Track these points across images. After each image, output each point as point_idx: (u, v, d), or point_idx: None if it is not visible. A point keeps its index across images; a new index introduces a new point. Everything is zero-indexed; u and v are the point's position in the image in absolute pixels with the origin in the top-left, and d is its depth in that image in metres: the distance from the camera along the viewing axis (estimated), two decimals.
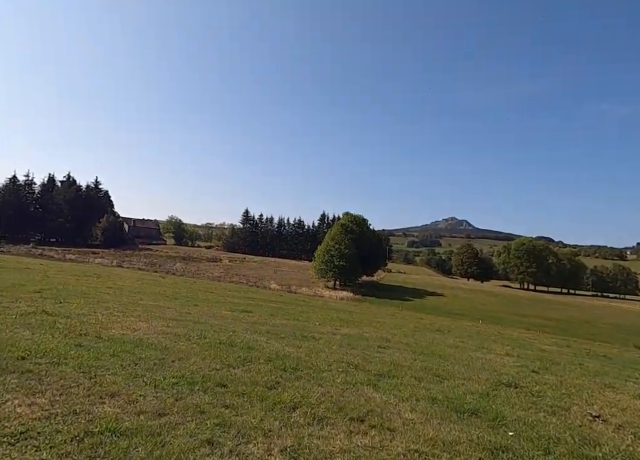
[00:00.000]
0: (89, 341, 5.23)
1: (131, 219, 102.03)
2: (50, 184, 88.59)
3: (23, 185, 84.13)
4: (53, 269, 29.30)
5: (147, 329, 6.75)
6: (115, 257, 62.39)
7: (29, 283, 15.52)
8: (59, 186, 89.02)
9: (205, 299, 17.28)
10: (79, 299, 10.69)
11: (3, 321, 6.02)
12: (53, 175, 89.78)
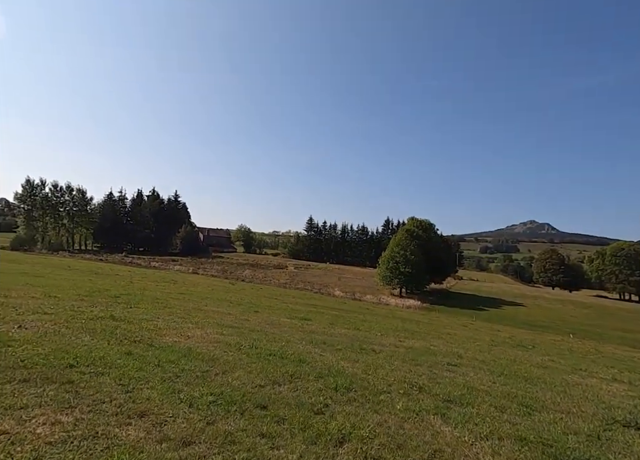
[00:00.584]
0: (139, 348, 5.15)
1: (205, 228, 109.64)
2: (139, 199, 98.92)
3: (117, 200, 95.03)
4: (137, 276, 32.19)
5: (200, 336, 6.63)
6: (191, 264, 67.16)
7: (113, 288, 16.95)
8: (145, 200, 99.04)
9: (267, 305, 17.37)
10: (149, 304, 11.21)
11: (72, 325, 6.28)
12: (141, 191, 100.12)
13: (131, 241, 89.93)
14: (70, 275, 25.87)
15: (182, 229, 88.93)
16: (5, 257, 41.01)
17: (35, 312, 7.21)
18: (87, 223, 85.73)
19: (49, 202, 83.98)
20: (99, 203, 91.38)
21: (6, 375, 3.40)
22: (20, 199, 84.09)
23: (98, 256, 68.29)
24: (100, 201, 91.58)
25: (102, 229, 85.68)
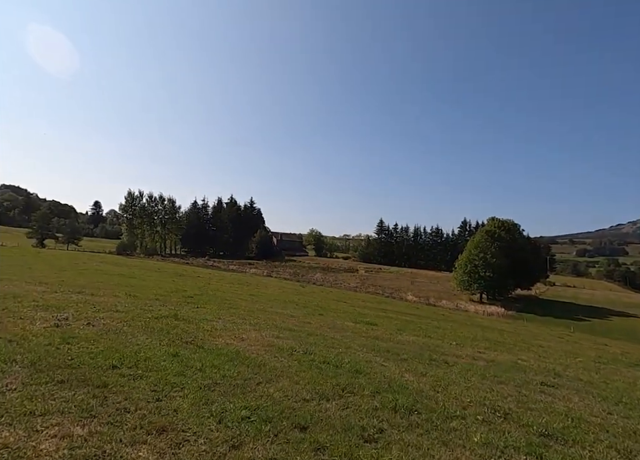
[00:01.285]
0: (188, 350, 4.97)
1: (278, 233, 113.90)
2: (219, 206, 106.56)
3: (201, 208, 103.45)
4: (216, 278, 34.22)
5: (254, 339, 6.33)
6: (266, 267, 70.05)
7: (190, 289, 17.97)
8: (224, 207, 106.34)
9: (334, 308, 16.91)
10: (216, 304, 11.44)
11: (134, 323, 6.41)
12: (220, 198, 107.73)
13: (212, 246, 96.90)
14: (158, 276, 28.34)
15: (257, 234, 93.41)
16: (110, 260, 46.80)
17: (109, 310, 7.61)
18: (176, 230, 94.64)
19: (145, 211, 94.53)
20: (186, 211, 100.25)
21: (48, 375, 3.33)
22: (123, 209, 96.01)
23: (184, 259, 74.76)
24: (186, 209, 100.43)
25: (188, 235, 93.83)
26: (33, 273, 17.20)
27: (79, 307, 7.64)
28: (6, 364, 3.50)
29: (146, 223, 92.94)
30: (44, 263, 27.45)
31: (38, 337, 4.75)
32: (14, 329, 5.07)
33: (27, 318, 5.99)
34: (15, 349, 4.09)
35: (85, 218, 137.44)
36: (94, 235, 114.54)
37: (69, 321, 6.03)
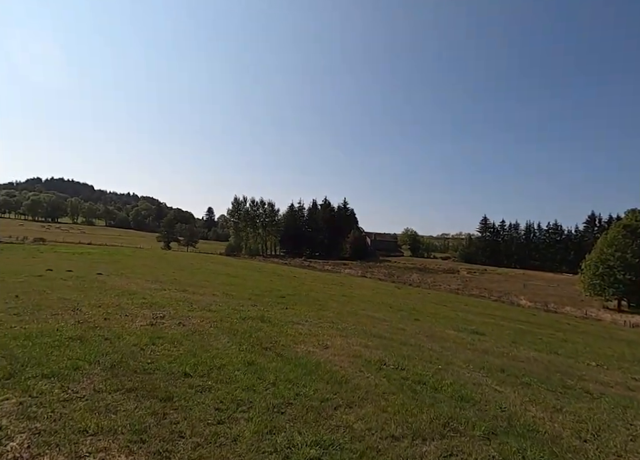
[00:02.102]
0: (265, 358, 4.59)
1: (372, 233, 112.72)
2: (314, 208, 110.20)
3: (297, 210, 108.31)
4: (310, 278, 35.01)
5: (339, 347, 5.73)
6: (360, 268, 69.65)
7: (284, 288, 18.39)
8: (319, 208, 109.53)
9: (432, 313, 15.46)
10: (306, 306, 11.23)
11: (221, 325, 6.38)
12: (315, 200, 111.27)
13: (308, 246, 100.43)
14: (258, 276, 30.07)
15: (350, 234, 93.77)
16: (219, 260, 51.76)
17: (203, 309, 7.84)
18: (275, 232, 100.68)
19: (249, 215, 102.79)
20: (284, 213, 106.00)
21: (121, 381, 3.22)
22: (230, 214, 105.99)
23: (283, 260, 78.84)
24: (284, 212, 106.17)
25: (286, 236, 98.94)
26: (155, 272, 19.54)
27: (178, 305, 8.04)
28: (90, 365, 3.51)
29: (249, 225, 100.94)
30: (166, 263, 31.38)
31: (131, 335, 4.89)
32: (115, 327, 5.35)
33: (131, 315, 6.39)
34: (105, 348, 4.18)
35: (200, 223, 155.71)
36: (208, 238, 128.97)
37: (164, 320, 6.25)
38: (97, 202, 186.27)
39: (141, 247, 66.94)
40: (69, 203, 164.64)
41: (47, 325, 5.05)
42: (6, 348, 3.73)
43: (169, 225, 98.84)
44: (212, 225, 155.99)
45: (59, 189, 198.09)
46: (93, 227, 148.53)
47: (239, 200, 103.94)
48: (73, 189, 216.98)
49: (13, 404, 2.43)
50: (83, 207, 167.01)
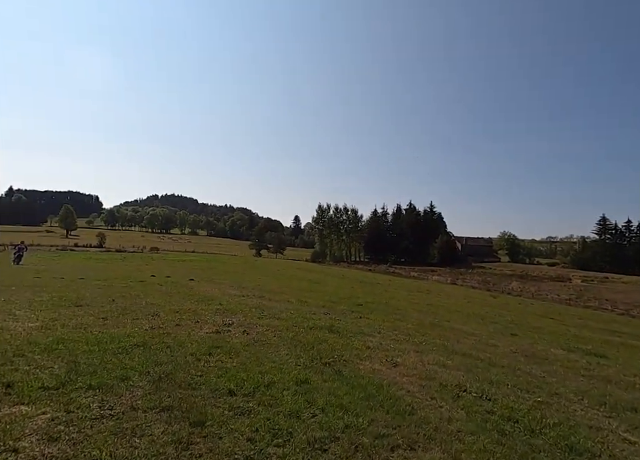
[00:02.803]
0: (322, 376, 4.15)
1: (462, 237, 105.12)
2: (398, 213, 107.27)
3: (381, 216, 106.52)
4: (394, 284, 33.74)
5: (411, 365, 5.01)
6: (450, 274, 65.18)
7: (364, 295, 17.80)
8: (403, 213, 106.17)
9: (534, 327, 13.35)
10: (383, 315, 10.52)
11: (285, 334, 6.16)
12: (399, 205, 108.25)
13: (393, 252, 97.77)
14: (339, 282, 29.94)
15: (438, 239, 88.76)
16: (305, 267, 53.22)
17: (272, 317, 7.75)
18: (359, 238, 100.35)
19: (332, 222, 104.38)
20: (367, 219, 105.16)
21: (160, 397, 3.08)
22: (315, 221, 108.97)
23: (367, 266, 77.94)
24: (367, 218, 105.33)
25: (370, 242, 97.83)
26: (241, 278, 20.65)
27: (250, 312, 8.10)
28: (139, 376, 3.49)
29: (333, 232, 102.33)
30: (254, 270, 33.20)
31: (193, 343, 4.90)
32: (182, 334, 5.46)
33: (202, 322, 6.54)
34: (163, 357, 4.19)
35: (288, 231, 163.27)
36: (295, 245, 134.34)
37: (231, 327, 6.25)
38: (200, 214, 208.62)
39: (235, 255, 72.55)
40: (178, 215, 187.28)
41: (123, 330, 5.36)
42: (74, 353, 3.94)
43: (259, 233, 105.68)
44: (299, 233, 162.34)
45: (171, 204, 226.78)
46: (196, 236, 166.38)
47: (323, 207, 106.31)
48: (181, 203, 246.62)
49: (45, 420, 2.42)
50: (189, 219, 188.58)
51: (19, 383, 2.98)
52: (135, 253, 56.16)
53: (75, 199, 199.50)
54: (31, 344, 4.14)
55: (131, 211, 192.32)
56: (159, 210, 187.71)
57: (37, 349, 3.97)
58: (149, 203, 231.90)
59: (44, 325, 5.25)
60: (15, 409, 2.53)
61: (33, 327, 5.07)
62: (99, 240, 78.44)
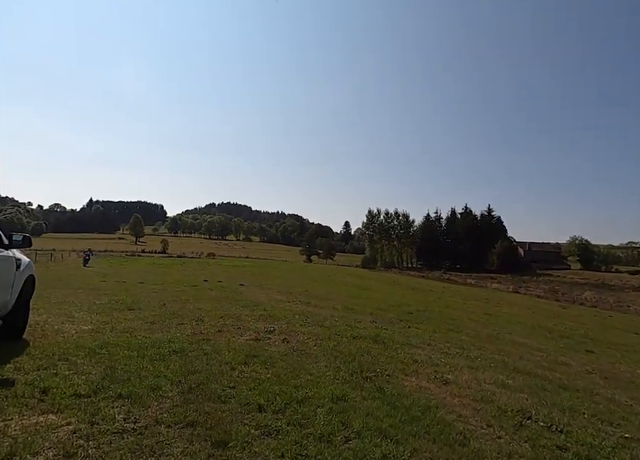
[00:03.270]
0: (361, 393, 3.80)
1: (525, 243, 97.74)
2: (452, 217, 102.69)
3: (434, 220, 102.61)
4: (449, 292, 32.06)
5: (463, 384, 4.47)
6: (511, 282, 60.71)
7: (415, 303, 16.98)
8: (458, 218, 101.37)
9: (615, 343, 11.76)
10: (435, 325, 9.84)
11: (326, 344, 5.89)
12: (454, 209, 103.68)
13: (447, 258, 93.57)
14: (389, 289, 29.08)
15: (497, 244, 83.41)
16: (354, 273, 52.66)
17: (315, 324, 7.52)
18: (411, 243, 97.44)
19: (383, 227, 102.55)
20: (419, 224, 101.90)
21: (186, 410, 2.92)
22: (365, 227, 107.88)
23: (421, 273, 75.31)
24: (420, 223, 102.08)
25: (423, 248, 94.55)
26: (289, 283, 20.78)
27: (293, 318, 7.95)
28: (171, 385, 3.41)
29: (384, 238, 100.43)
30: (304, 275, 33.40)
31: (230, 351, 4.81)
32: (221, 340, 5.41)
33: (243, 328, 6.49)
34: (198, 365, 4.12)
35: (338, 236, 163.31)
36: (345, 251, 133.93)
37: (271, 335, 6.11)
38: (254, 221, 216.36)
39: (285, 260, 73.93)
40: (233, 222, 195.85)
41: (166, 335, 5.43)
42: (113, 359, 3.99)
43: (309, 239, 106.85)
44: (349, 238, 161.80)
45: (227, 211, 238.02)
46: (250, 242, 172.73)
47: (373, 212, 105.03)
48: (236, 210, 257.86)
49: (67, 432, 2.37)
50: (243, 225, 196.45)
51: (54, 388, 3.01)
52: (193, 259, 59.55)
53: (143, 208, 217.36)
54: (78, 347, 4.28)
55: (191, 218, 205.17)
56: (216, 217, 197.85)
57: (82, 353, 4.08)
58: (207, 211, 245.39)
59: (95, 328, 5.48)
60: (43, 418, 2.52)
61: (85, 330, 5.31)
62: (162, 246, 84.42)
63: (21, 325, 4.46)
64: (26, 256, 4.80)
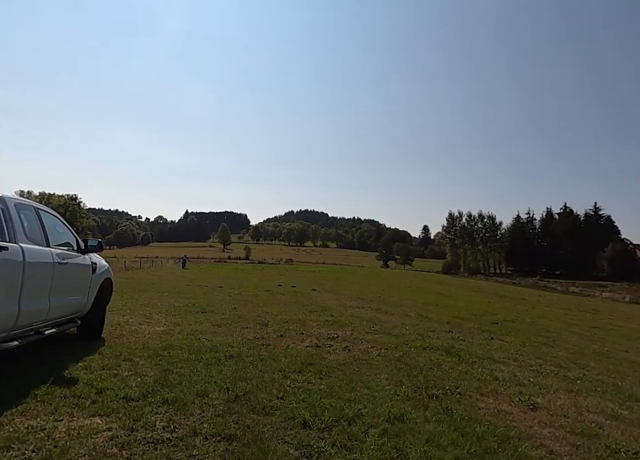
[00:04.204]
0: (424, 413, 3.30)
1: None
2: (548, 218, 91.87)
3: (525, 222, 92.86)
4: (546, 301, 28.51)
5: (557, 411, 3.64)
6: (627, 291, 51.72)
7: (502, 312, 15.28)
8: (555, 218, 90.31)
9: None
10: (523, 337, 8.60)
11: (391, 353, 5.43)
12: (550, 209, 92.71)
13: (544, 264, 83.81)
14: (474, 296, 26.79)
15: (608, 248, 72.19)
16: (434, 278, 49.99)
17: (382, 332, 7.06)
18: (498, 247, 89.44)
19: (465, 230, 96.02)
20: (507, 226, 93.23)
21: (227, 421, 2.73)
22: (446, 230, 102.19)
23: (511, 279, 68.52)
24: (508, 225, 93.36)
25: (513, 252, 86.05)
26: (363, 289, 20.35)
27: (360, 325, 7.59)
28: (218, 393, 3.32)
29: (467, 242, 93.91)
30: (379, 281, 32.60)
31: (287, 358, 4.66)
32: (281, 346, 5.31)
33: (306, 334, 6.33)
34: (251, 371, 4.03)
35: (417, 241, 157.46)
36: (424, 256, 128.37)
37: (333, 342, 5.84)
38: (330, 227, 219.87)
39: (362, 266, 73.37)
40: (311, 229, 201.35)
41: (228, 338, 5.51)
42: (172, 361, 4.08)
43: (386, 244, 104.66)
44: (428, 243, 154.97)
45: (305, 218, 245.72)
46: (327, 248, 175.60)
47: (454, 215, 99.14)
48: (313, 217, 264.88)
49: (105, 438, 2.37)
50: (320, 232, 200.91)
51: (109, 390, 3.12)
52: (273, 264, 62.33)
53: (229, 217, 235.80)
54: (144, 349, 4.50)
55: (271, 226, 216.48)
56: (294, 225, 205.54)
57: (146, 354, 4.26)
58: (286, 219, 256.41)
59: (166, 330, 5.79)
60: (89, 421, 2.58)
61: (156, 331, 5.64)
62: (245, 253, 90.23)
63: (98, 326, 4.88)
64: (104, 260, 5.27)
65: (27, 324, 3.35)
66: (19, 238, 3.22)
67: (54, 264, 3.68)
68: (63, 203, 64.61)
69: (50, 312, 3.68)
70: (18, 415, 2.60)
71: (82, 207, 72.05)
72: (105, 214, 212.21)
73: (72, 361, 3.84)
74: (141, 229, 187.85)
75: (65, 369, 3.62)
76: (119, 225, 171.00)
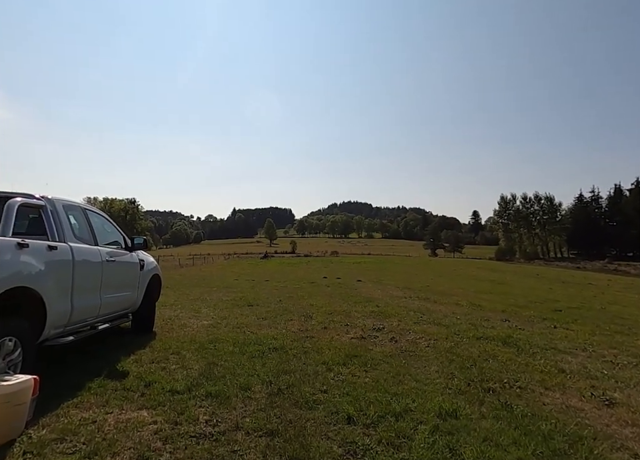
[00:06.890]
0: (480, 409, 3.02)
1: None
2: (617, 195, 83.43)
3: (589, 201, 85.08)
4: (617, 285, 26.16)
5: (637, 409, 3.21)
6: None
7: (566, 299, 14.12)
8: (626, 195, 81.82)
9: None
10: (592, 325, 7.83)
11: (441, 344, 5.13)
12: (619, 186, 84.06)
13: (613, 246, 76.52)
14: (533, 283, 25.05)
15: None
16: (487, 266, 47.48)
17: (431, 322, 6.72)
18: (559, 230, 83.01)
19: (520, 214, 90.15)
20: (568, 207, 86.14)
21: (269, 416, 2.67)
22: (498, 215, 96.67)
23: (575, 263, 63.43)
24: (569, 206, 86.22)
25: (576, 235, 79.44)
26: (410, 279, 19.79)
27: (407, 315, 7.31)
28: (261, 386, 3.28)
29: (522, 226, 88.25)
30: (428, 270, 31.56)
31: (331, 350, 4.55)
32: (325, 338, 5.22)
33: (351, 325, 6.19)
34: (294, 364, 3.97)
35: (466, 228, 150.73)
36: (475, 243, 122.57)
37: (379, 333, 5.65)
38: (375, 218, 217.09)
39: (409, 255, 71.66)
40: (355, 221, 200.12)
41: (273, 331, 5.51)
42: (217, 354, 4.14)
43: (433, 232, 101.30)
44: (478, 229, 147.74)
45: (348, 210, 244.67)
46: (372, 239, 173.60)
47: (507, 198, 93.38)
48: (357, 208, 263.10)
49: (150, 432, 2.40)
50: (364, 223, 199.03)
51: (157, 383, 3.19)
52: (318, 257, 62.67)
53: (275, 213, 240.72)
54: (192, 342, 4.61)
55: (315, 219, 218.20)
56: (338, 217, 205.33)
57: (193, 347, 4.36)
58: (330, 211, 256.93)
59: (213, 323, 5.93)
60: (136, 414, 2.64)
61: (204, 325, 5.79)
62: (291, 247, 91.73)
63: (149, 321, 5.09)
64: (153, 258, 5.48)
65: (81, 320, 3.53)
66: (68, 238, 3.38)
67: (102, 262, 3.84)
68: (123, 207, 69.91)
69: (102, 308, 3.87)
70: (73, 407, 2.73)
71: (140, 210, 77.30)
72: (161, 215, 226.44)
73: (124, 355, 4.02)
74: (193, 228, 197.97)
75: (117, 362, 3.79)
76: (173, 225, 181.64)
